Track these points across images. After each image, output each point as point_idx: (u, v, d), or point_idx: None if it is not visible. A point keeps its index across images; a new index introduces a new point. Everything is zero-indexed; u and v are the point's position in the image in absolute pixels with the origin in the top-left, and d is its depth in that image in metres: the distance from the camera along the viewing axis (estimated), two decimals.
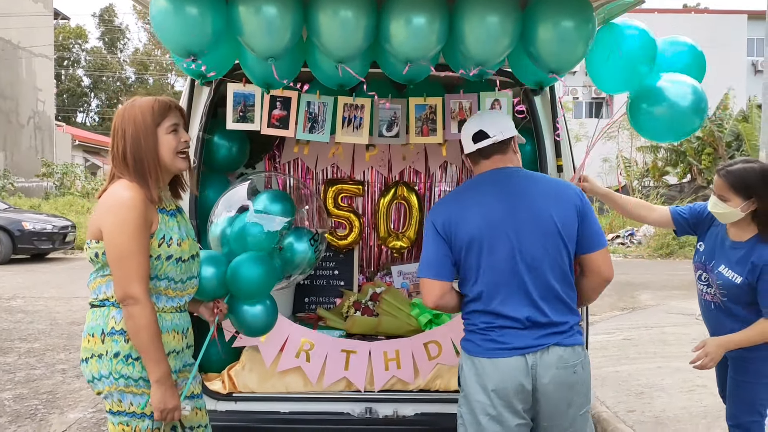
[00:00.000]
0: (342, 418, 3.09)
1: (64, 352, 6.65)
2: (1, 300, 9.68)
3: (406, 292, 3.87)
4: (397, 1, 2.27)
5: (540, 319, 2.23)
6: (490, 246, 2.27)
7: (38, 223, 14.74)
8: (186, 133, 2.31)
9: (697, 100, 2.66)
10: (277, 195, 3.00)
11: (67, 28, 46.61)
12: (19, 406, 4.98)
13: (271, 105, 3.16)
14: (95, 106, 51.61)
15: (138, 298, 2.09)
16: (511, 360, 2.21)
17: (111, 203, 2.15)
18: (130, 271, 2.10)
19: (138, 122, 2.19)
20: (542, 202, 2.30)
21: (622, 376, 5.66)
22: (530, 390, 2.22)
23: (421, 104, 3.23)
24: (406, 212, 4.23)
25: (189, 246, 2.31)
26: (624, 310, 9.25)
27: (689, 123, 2.71)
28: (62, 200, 23.44)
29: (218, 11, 2.27)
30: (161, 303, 2.23)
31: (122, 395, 2.16)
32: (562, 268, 2.28)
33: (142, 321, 2.10)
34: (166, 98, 2.27)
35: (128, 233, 2.10)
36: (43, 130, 29.74)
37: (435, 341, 3.22)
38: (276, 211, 2.83)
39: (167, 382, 2.15)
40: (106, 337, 2.16)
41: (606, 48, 2.48)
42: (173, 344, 2.24)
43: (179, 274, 2.26)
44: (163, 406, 2.13)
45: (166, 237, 2.21)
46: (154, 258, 2.18)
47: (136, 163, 2.19)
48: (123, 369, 2.15)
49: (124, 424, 2.18)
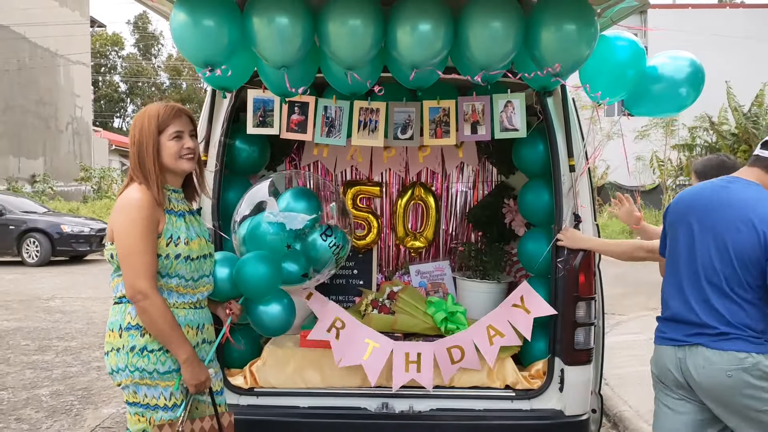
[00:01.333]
0: (359, 413, 3.18)
1: (99, 350, 6.86)
2: (41, 300, 10.02)
3: (423, 291, 3.94)
4: (404, 9, 2.36)
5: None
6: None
7: (76, 226, 15.19)
8: (191, 139, 2.42)
9: (693, 72, 2.76)
10: (301, 192, 3.12)
11: (104, 36, 47.71)
12: (55, 402, 5.19)
13: (289, 110, 3.27)
14: (131, 111, 52.63)
15: (146, 292, 2.22)
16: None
17: (121, 205, 2.30)
18: (138, 268, 2.23)
19: (143, 128, 2.34)
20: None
21: (645, 375, 5.59)
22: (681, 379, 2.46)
23: (434, 107, 3.30)
24: (424, 213, 4.31)
25: (198, 245, 2.42)
26: (653, 310, 9.13)
27: (684, 96, 2.81)
28: (99, 203, 24.06)
29: (234, 23, 2.39)
30: (173, 299, 2.36)
31: (137, 387, 2.31)
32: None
33: (155, 313, 2.23)
34: (174, 105, 2.40)
35: (135, 233, 2.24)
36: (81, 135, 30.49)
37: (458, 346, 3.24)
38: (300, 210, 2.94)
39: (194, 360, 2.31)
40: (123, 332, 2.31)
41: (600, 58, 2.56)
42: (188, 339, 2.36)
43: (189, 272, 2.38)
44: (196, 380, 2.31)
45: (174, 236, 2.33)
46: (163, 257, 2.31)
47: (140, 166, 2.33)
48: (138, 362, 2.29)
49: (140, 415, 2.33)
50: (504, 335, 3.22)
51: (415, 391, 3.22)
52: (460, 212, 4.41)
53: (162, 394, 2.32)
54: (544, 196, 3.42)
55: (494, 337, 3.22)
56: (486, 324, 3.26)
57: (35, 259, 14.56)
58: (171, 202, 2.40)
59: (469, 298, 3.81)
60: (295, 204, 3.07)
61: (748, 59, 26.41)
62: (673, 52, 2.89)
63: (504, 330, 3.22)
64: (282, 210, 2.96)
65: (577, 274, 3.11)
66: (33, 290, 11.04)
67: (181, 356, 2.29)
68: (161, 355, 2.31)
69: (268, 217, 2.84)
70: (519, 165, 3.73)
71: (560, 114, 3.25)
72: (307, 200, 3.14)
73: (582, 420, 3.17)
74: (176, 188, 2.47)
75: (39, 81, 26.76)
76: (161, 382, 2.31)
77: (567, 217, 3.20)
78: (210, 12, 2.34)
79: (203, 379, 2.34)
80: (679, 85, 2.81)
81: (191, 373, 2.30)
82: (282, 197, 3.15)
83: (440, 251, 4.41)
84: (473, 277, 3.92)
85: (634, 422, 4.53)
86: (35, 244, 14.59)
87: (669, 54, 2.87)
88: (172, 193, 2.44)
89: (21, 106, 25.58)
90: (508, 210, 4.17)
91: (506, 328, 3.23)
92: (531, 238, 3.51)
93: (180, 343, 2.29)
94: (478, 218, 4.28)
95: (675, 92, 2.83)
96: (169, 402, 2.33)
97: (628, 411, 4.74)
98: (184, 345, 2.29)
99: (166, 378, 2.32)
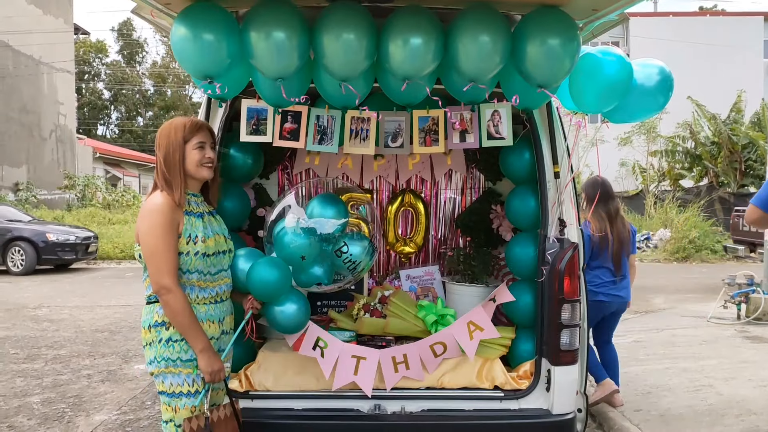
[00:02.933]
0: (352, 414, 3.26)
1: (89, 358, 6.88)
2: (28, 309, 9.98)
3: (413, 295, 4.03)
4: (396, 23, 2.46)
5: None
6: None
7: (61, 234, 15.12)
8: (211, 150, 2.72)
9: (663, 79, 2.89)
10: (329, 198, 3.23)
11: (88, 43, 47.45)
12: (47, 410, 5.20)
13: (282, 119, 3.34)
14: (115, 119, 52.39)
15: (169, 287, 2.50)
16: None
17: (145, 210, 2.59)
18: (161, 266, 2.50)
19: (171, 137, 2.63)
20: None
21: (629, 376, 5.76)
22: None
23: (424, 116, 3.39)
24: (413, 219, 4.41)
25: (215, 242, 2.69)
26: (636, 313, 9.31)
27: (654, 102, 2.94)
28: (84, 212, 23.93)
29: (232, 37, 2.47)
30: (194, 294, 2.63)
31: (164, 376, 2.61)
32: None
33: (176, 306, 2.51)
34: (198, 120, 2.72)
35: (156, 234, 2.51)
36: (65, 143, 30.29)
37: (441, 342, 3.37)
38: (329, 216, 3.10)
39: (209, 350, 2.59)
40: (152, 329, 2.62)
41: (586, 74, 2.69)
42: (209, 332, 2.65)
43: (207, 267, 2.66)
44: (210, 368, 2.58)
45: (192, 235, 2.61)
46: (183, 254, 2.58)
47: (165, 173, 2.62)
48: (164, 352, 2.59)
49: (167, 404, 2.65)
50: (483, 329, 3.36)
51: (406, 393, 3.31)
52: (448, 218, 4.51)
53: (185, 381, 2.60)
54: (530, 202, 3.53)
55: (474, 331, 3.36)
56: (467, 320, 3.40)
57: (20, 267, 14.47)
58: (190, 205, 2.67)
59: (459, 302, 3.91)
60: (322, 210, 3.16)
61: (728, 67, 26.91)
62: (643, 60, 3.01)
63: (483, 325, 3.37)
64: (311, 216, 3.11)
65: (563, 278, 3.22)
66: (19, 299, 10.99)
67: (197, 346, 2.57)
68: (183, 344, 2.59)
69: (299, 222, 3.02)
70: (506, 172, 3.83)
71: (545, 123, 3.35)
72: (335, 206, 3.22)
73: (568, 419, 3.27)
74: (195, 192, 2.75)
75: (22, 89, 26.59)
76: (183, 369, 2.59)
77: (552, 222, 3.31)
78: (209, 26, 2.43)
79: (217, 369, 2.59)
80: (649, 92, 2.94)
81: (206, 362, 2.57)
82: (310, 203, 3.25)
83: (430, 256, 4.51)
84: (462, 281, 4.02)
85: (618, 422, 4.64)
86: (20, 252, 14.51)
87: (639, 62, 2.99)
88: (192, 197, 2.71)
89: (4, 114, 25.37)
90: (495, 215, 4.28)
91: (485, 322, 3.37)
92: (518, 243, 3.62)
93: (196, 334, 2.56)
94: (467, 224, 4.38)
95: (646, 100, 2.95)
96: (192, 388, 2.61)
97: (612, 411, 4.85)
98: (200, 336, 2.57)
99: (188, 365, 2.60)
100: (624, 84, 2.80)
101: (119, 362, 6.74)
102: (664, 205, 20.29)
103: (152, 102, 51.60)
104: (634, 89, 2.91)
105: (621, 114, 3.11)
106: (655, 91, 2.98)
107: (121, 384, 5.93)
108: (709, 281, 12.61)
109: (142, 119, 52.34)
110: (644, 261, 17.60)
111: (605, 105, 2.85)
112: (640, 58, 3.16)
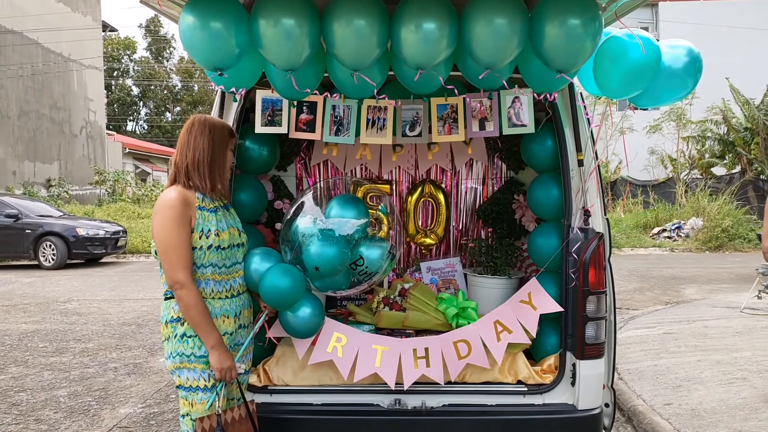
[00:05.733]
0: (372, 409, 3.19)
1: (116, 351, 6.96)
2: (58, 303, 10.14)
3: (434, 288, 3.95)
4: (408, 8, 2.37)
5: None
6: None
7: (91, 229, 15.35)
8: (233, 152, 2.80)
9: (691, 60, 2.76)
10: (349, 199, 3.17)
11: (116, 40, 48.11)
12: (73, 402, 5.26)
13: (298, 109, 3.29)
14: (144, 115, 53.06)
15: (183, 282, 2.50)
16: None
17: (158, 206, 2.59)
18: (174, 261, 2.50)
19: (216, 135, 2.67)
20: None
21: (660, 369, 5.62)
22: None
23: (442, 104, 3.31)
24: (434, 210, 4.33)
25: (229, 236, 2.68)
26: (667, 304, 9.11)
27: (683, 85, 2.82)
28: (114, 206, 24.29)
29: (241, 26, 2.41)
30: (210, 288, 2.62)
31: (180, 371, 2.62)
32: None
33: (190, 301, 2.51)
34: (229, 124, 2.83)
35: (168, 229, 2.51)
36: (95, 139, 30.77)
37: (465, 340, 3.24)
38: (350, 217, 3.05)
39: (220, 347, 2.57)
40: (168, 324, 2.63)
41: (612, 57, 2.57)
42: (224, 327, 2.64)
43: (221, 260, 2.65)
44: (220, 366, 2.56)
45: (204, 230, 2.60)
46: (197, 249, 2.58)
47: (210, 166, 2.63)
48: (179, 347, 2.59)
49: (184, 399, 2.65)
50: (512, 332, 3.22)
51: (427, 387, 3.23)
52: (470, 209, 4.42)
53: (201, 376, 2.60)
54: (553, 191, 3.42)
55: (501, 333, 3.23)
56: (493, 319, 3.26)
57: (52, 262, 14.73)
58: (205, 200, 2.67)
59: (480, 294, 3.82)
60: (343, 211, 3.11)
61: (763, 49, 26.16)
62: (671, 41, 2.88)
63: (512, 327, 3.23)
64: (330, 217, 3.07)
65: (588, 269, 3.11)
66: (50, 293, 11.18)
67: (208, 342, 2.56)
68: (197, 340, 2.58)
69: (319, 224, 2.98)
70: (528, 160, 3.73)
71: (568, 109, 3.25)
72: (356, 207, 3.16)
73: (594, 414, 3.17)
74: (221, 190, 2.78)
75: (53, 86, 27.05)
76: (198, 364, 2.59)
77: (576, 211, 3.20)
78: (217, 15, 2.36)
79: (227, 366, 2.57)
80: (677, 74, 2.81)
81: (217, 359, 2.55)
82: (330, 204, 3.19)
83: (451, 248, 4.43)
84: (484, 273, 3.92)
85: (648, 416, 4.52)
86: (51, 247, 14.76)
87: (666, 43, 2.86)
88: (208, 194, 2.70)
89: (35, 111, 25.85)
90: (518, 206, 4.17)
91: (514, 324, 3.23)
92: (541, 233, 3.52)
93: (208, 330, 2.55)
94: (488, 214, 4.29)
95: (674, 82, 2.83)
96: (208, 383, 2.60)
97: (642, 405, 4.73)
98: (212, 332, 2.55)
99: (202, 361, 2.59)
100: (651, 68, 2.68)
101: (145, 355, 6.79)
102: (696, 193, 19.84)
103: (180, 97, 52.13)
104: (661, 72, 2.79)
105: (647, 98, 2.98)
106: (684, 73, 2.85)
107: (146, 377, 5.97)
108: (743, 271, 12.30)
109: (170, 114, 52.92)
110: (675, 251, 17.26)
111: (631, 90, 2.73)
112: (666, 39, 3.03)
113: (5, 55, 24.01)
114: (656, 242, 18.15)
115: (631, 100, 2.91)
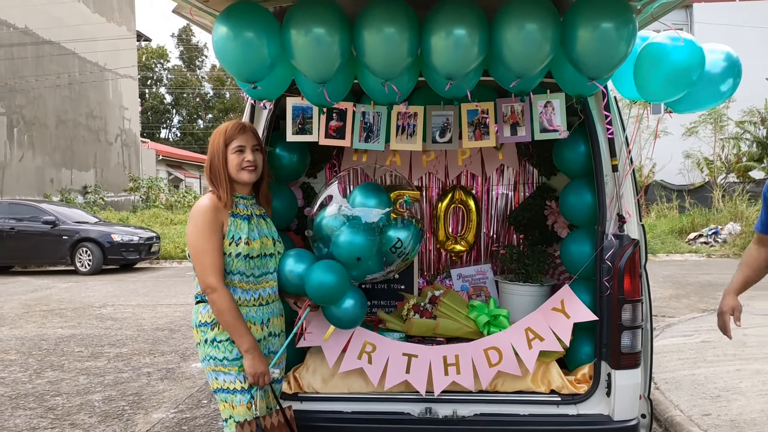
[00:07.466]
0: (402, 417, 3.17)
1: (149, 356, 7.04)
2: (93, 308, 10.32)
3: (465, 295, 3.91)
4: (438, 16, 2.35)
5: None
6: None
7: (126, 235, 15.63)
8: (253, 153, 2.70)
9: (730, 65, 2.71)
10: (372, 187, 3.15)
11: (150, 49, 49.06)
12: (107, 407, 5.33)
13: (328, 117, 3.29)
14: (177, 122, 53.94)
15: (215, 286, 2.53)
16: None
17: (192, 212, 2.65)
18: (206, 265, 2.55)
19: (215, 142, 2.70)
20: None
21: (698, 379, 5.48)
22: None
23: (472, 109, 3.27)
24: (464, 216, 4.29)
25: (260, 245, 2.70)
26: (704, 311, 8.90)
27: (721, 90, 2.77)
28: (148, 213, 24.72)
29: (273, 36, 2.42)
30: (237, 295, 2.65)
31: (215, 374, 2.65)
32: None
33: (222, 305, 2.54)
34: (239, 123, 2.73)
35: (201, 234, 2.56)
36: (130, 146, 31.34)
37: (495, 347, 3.20)
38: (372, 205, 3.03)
39: (255, 351, 2.59)
40: (199, 328, 2.68)
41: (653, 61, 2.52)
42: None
43: (249, 269, 2.67)
44: (254, 371, 2.58)
45: (235, 237, 2.62)
46: (227, 255, 2.61)
47: (212, 175, 2.68)
48: (211, 351, 2.63)
49: (224, 401, 2.67)
50: (544, 339, 3.17)
51: (458, 396, 3.20)
52: (501, 215, 4.37)
53: (237, 378, 2.62)
54: (586, 197, 3.36)
55: (533, 340, 3.18)
56: (525, 326, 3.21)
57: (88, 267, 15.03)
58: (238, 207, 2.70)
59: (512, 302, 3.77)
60: (365, 200, 3.08)
61: None
62: (709, 45, 2.81)
63: (544, 334, 3.18)
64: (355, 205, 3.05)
65: (623, 276, 3.05)
66: (86, 298, 11.39)
67: (242, 346, 2.58)
68: (229, 344, 2.61)
69: (345, 211, 2.99)
70: (560, 166, 3.67)
71: (601, 113, 3.18)
72: (378, 195, 3.13)
73: (631, 425, 3.10)
74: (244, 195, 2.77)
75: (89, 95, 27.64)
76: (232, 368, 2.62)
77: (611, 217, 3.14)
78: (250, 25, 2.38)
79: (260, 371, 2.59)
80: (716, 79, 2.74)
81: (250, 363, 2.58)
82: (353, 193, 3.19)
83: (482, 254, 4.38)
84: (515, 280, 3.87)
85: (686, 427, 4.40)
86: (87, 253, 15.06)
87: (705, 47, 2.80)
88: (240, 200, 2.74)
89: (72, 120, 26.45)
90: (550, 212, 4.11)
91: (546, 332, 3.18)
92: (574, 240, 3.45)
93: (242, 333, 2.57)
94: (520, 220, 4.23)
95: (712, 87, 2.76)
96: (245, 384, 2.63)
97: (679, 416, 4.61)
98: (246, 336, 2.58)
99: (235, 364, 2.62)
100: (695, 70, 2.61)
101: (177, 360, 6.86)
102: (733, 197, 19.38)
103: (212, 105, 52.88)
104: (701, 76, 2.73)
105: (686, 103, 2.92)
106: (722, 78, 2.79)
107: (178, 382, 6.02)
108: None
109: (202, 122, 53.72)
110: (712, 256, 16.87)
111: (674, 92, 2.66)
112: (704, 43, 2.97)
113: (43, 65, 24.63)
114: (692, 248, 17.77)
115: (669, 104, 2.85)
